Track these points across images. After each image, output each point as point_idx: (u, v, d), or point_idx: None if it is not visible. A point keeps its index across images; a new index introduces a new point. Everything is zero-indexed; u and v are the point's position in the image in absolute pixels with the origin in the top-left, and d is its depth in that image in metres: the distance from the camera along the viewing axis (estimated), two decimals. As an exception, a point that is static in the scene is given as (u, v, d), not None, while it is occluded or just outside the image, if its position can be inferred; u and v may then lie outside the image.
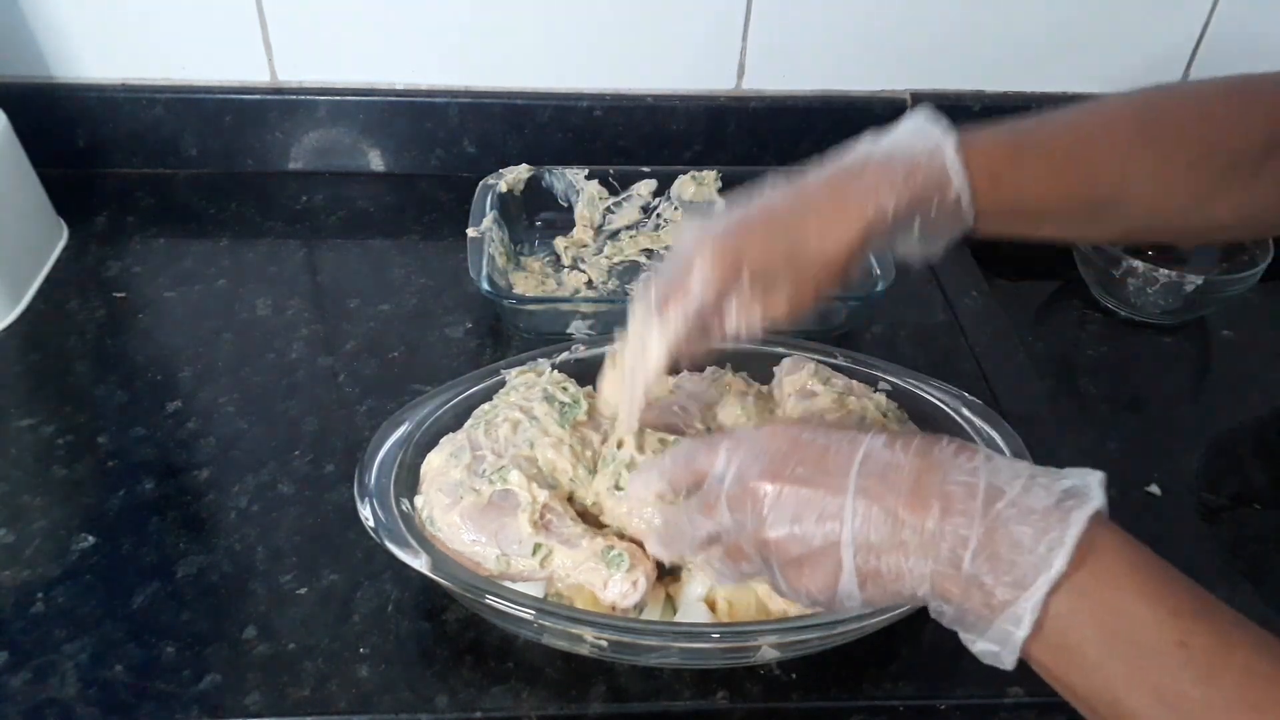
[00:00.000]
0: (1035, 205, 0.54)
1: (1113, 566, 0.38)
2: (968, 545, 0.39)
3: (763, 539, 0.44)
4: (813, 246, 0.52)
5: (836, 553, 0.42)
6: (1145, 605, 0.38)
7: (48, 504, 0.68)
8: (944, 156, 0.51)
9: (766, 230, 0.52)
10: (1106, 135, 0.55)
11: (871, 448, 0.43)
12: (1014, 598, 0.38)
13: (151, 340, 0.82)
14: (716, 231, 0.52)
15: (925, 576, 0.41)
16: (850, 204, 0.52)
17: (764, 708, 0.59)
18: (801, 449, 0.44)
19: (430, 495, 0.61)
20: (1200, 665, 0.36)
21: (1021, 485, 0.40)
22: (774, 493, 0.43)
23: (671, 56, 0.98)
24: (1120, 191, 0.54)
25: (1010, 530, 0.39)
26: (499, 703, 0.58)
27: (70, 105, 0.96)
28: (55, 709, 0.57)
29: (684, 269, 0.52)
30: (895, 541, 0.41)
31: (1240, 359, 0.89)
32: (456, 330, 0.84)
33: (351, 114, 0.99)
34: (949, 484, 0.40)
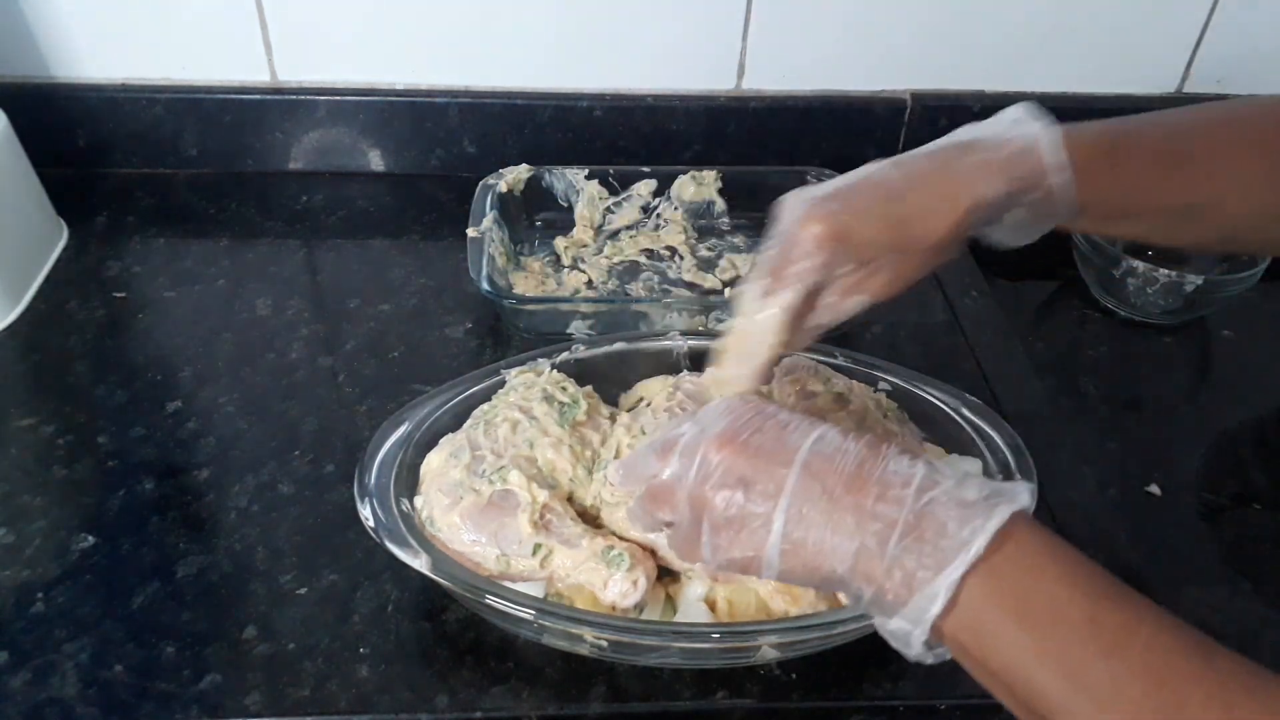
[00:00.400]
0: (1132, 202, 0.54)
1: (1030, 552, 0.40)
2: (895, 527, 0.41)
3: (701, 494, 0.45)
4: (917, 224, 0.51)
5: (769, 518, 0.43)
6: (1058, 586, 0.39)
7: (48, 504, 0.68)
8: (1047, 148, 0.52)
9: (872, 206, 0.51)
10: (1206, 139, 0.55)
11: (827, 432, 0.45)
12: (932, 577, 0.40)
13: (151, 340, 0.82)
14: (821, 206, 0.51)
15: (849, 555, 0.42)
16: (957, 185, 0.51)
17: (764, 708, 0.59)
18: (763, 419, 0.46)
19: (430, 495, 0.61)
20: (1107, 640, 0.37)
21: (955, 481, 0.42)
22: (725, 452, 0.45)
23: (671, 56, 0.98)
24: (1218, 196, 0.54)
25: (938, 516, 0.40)
26: (499, 703, 0.58)
27: (70, 105, 0.96)
28: (55, 709, 0.57)
29: (791, 244, 0.51)
30: (827, 516, 0.42)
31: (1240, 359, 0.89)
32: (456, 330, 0.84)
33: (351, 114, 0.99)
34: (888, 472, 0.42)
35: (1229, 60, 1.02)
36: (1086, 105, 1.03)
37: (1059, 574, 0.39)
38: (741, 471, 0.44)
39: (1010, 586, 0.39)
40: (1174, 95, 1.04)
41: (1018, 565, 0.40)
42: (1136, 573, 0.67)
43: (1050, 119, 0.53)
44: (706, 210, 0.96)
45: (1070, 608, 0.38)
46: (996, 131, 0.53)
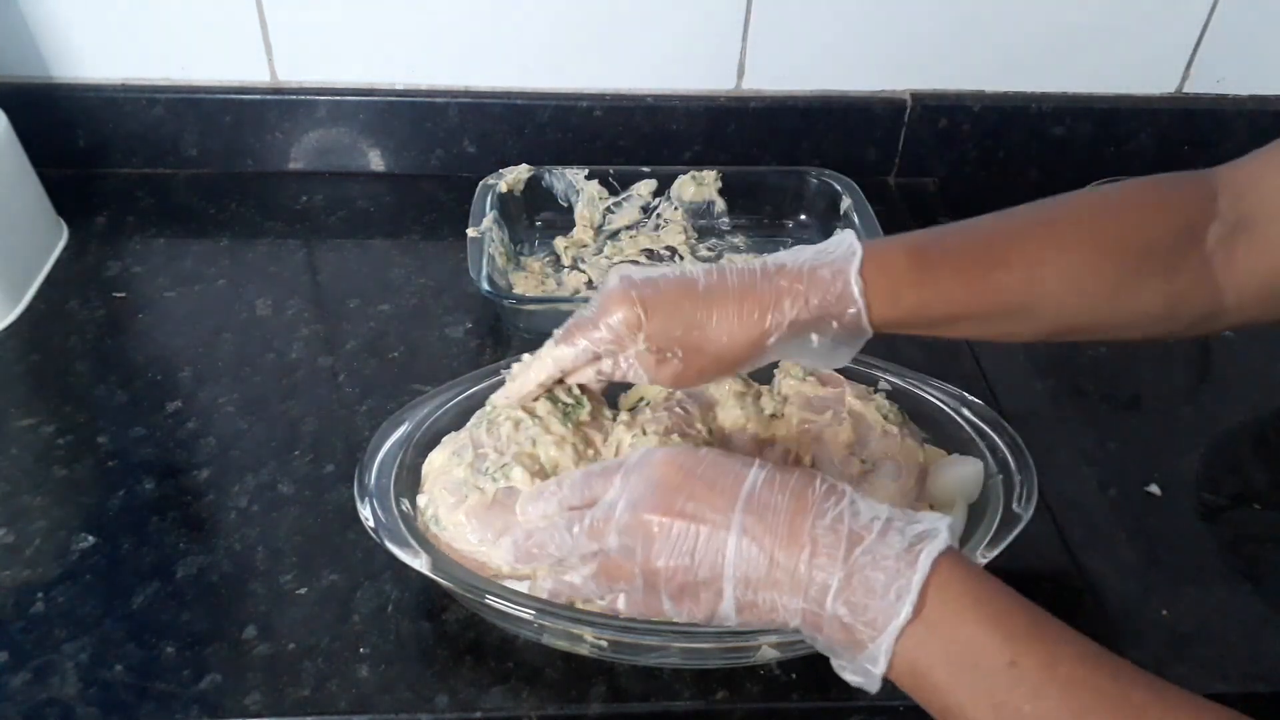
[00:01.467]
0: (942, 315, 0.55)
1: (957, 600, 0.43)
2: (829, 588, 0.44)
3: (652, 568, 0.48)
4: (714, 336, 0.56)
5: (719, 584, 0.46)
6: (983, 631, 0.42)
7: (48, 504, 0.68)
8: (847, 275, 0.54)
9: (674, 310, 0.56)
10: (1012, 239, 0.56)
11: (754, 485, 0.47)
12: (870, 639, 0.43)
13: (151, 340, 0.82)
14: (634, 292, 0.56)
15: (797, 611, 0.45)
16: (753, 309, 0.55)
17: (764, 708, 0.59)
18: (691, 483, 0.47)
19: (435, 494, 0.61)
20: (1030, 682, 0.41)
21: (879, 530, 0.44)
22: (665, 525, 0.47)
23: (671, 56, 0.98)
24: (1029, 294, 0.55)
25: (866, 575, 0.43)
26: (499, 703, 0.58)
27: (70, 105, 0.96)
28: (55, 709, 0.57)
29: (598, 313, 0.57)
30: (770, 579, 0.45)
31: (1240, 359, 0.89)
32: (456, 330, 0.84)
33: (351, 114, 0.99)
34: (817, 529, 0.45)
35: (1229, 60, 1.02)
36: (1087, 105, 1.03)
37: (981, 617, 0.42)
38: (682, 543, 0.47)
39: (940, 638, 0.42)
40: (1174, 95, 1.04)
41: (946, 614, 0.43)
42: (1137, 572, 0.67)
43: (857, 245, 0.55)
44: (706, 210, 0.96)
45: (993, 653, 0.41)
46: (817, 254, 0.56)
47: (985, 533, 0.60)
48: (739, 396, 0.68)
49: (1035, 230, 0.56)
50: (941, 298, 0.55)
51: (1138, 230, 0.56)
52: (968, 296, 0.55)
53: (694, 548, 0.46)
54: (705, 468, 0.48)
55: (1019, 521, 0.60)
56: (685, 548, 0.46)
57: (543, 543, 0.53)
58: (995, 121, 1.03)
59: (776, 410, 0.67)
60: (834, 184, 0.94)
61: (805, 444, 0.65)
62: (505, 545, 0.57)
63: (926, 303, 0.55)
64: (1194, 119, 1.04)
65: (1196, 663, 0.62)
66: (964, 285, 0.55)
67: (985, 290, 0.55)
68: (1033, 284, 0.55)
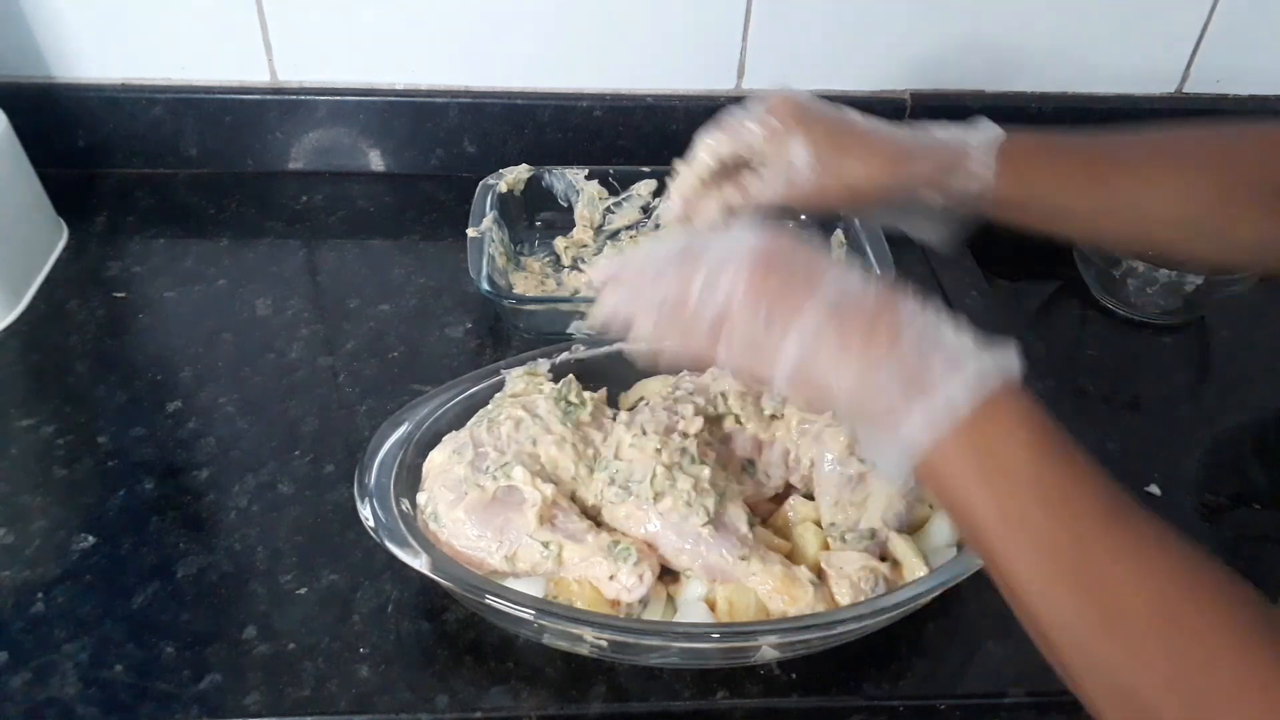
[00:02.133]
0: (1058, 205, 0.60)
1: (1004, 417, 0.44)
2: (896, 376, 0.44)
3: (728, 311, 0.47)
4: (850, 167, 0.60)
5: (784, 349, 0.46)
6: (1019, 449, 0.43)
7: (48, 504, 0.68)
8: (979, 145, 0.60)
9: (831, 127, 0.61)
10: (1136, 149, 0.61)
11: (846, 275, 0.47)
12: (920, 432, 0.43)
13: (151, 340, 0.82)
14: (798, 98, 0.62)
15: (848, 395, 0.45)
16: (897, 153, 0.61)
17: (764, 708, 0.59)
18: (797, 251, 0.48)
19: (434, 491, 0.61)
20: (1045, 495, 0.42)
21: (953, 339, 0.45)
22: (755, 277, 0.47)
23: (671, 56, 0.98)
24: (1139, 201, 0.60)
25: (932, 377, 0.44)
26: (499, 703, 0.58)
27: (70, 105, 0.96)
28: (55, 709, 0.57)
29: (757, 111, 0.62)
30: (835, 362, 0.45)
31: (1240, 359, 0.89)
32: (456, 330, 0.84)
33: (351, 114, 0.99)
34: (896, 325, 0.45)
35: (1229, 60, 1.02)
36: (1086, 105, 1.03)
37: (1024, 440, 0.43)
38: (767, 296, 0.46)
39: (979, 444, 0.43)
40: (1174, 95, 1.04)
41: (989, 428, 0.43)
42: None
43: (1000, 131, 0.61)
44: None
45: (1023, 468, 0.43)
46: (955, 129, 0.62)
47: (985, 533, 0.60)
48: (739, 396, 0.68)
49: (1159, 146, 0.61)
50: (1061, 187, 0.60)
51: (1252, 167, 0.59)
52: (1084, 189, 0.60)
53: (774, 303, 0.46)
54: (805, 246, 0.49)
55: (1019, 521, 0.60)
56: (767, 301, 0.46)
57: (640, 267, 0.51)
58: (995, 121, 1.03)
59: (776, 410, 0.67)
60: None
61: (805, 444, 0.65)
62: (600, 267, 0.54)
63: (1047, 187, 0.60)
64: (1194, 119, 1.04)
65: (1196, 663, 0.62)
66: (1083, 178, 0.60)
67: (1101, 188, 0.59)
68: (1144, 191, 0.59)
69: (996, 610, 0.64)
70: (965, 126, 0.62)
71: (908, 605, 0.57)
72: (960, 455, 0.43)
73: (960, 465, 0.43)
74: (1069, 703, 0.61)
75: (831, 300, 0.46)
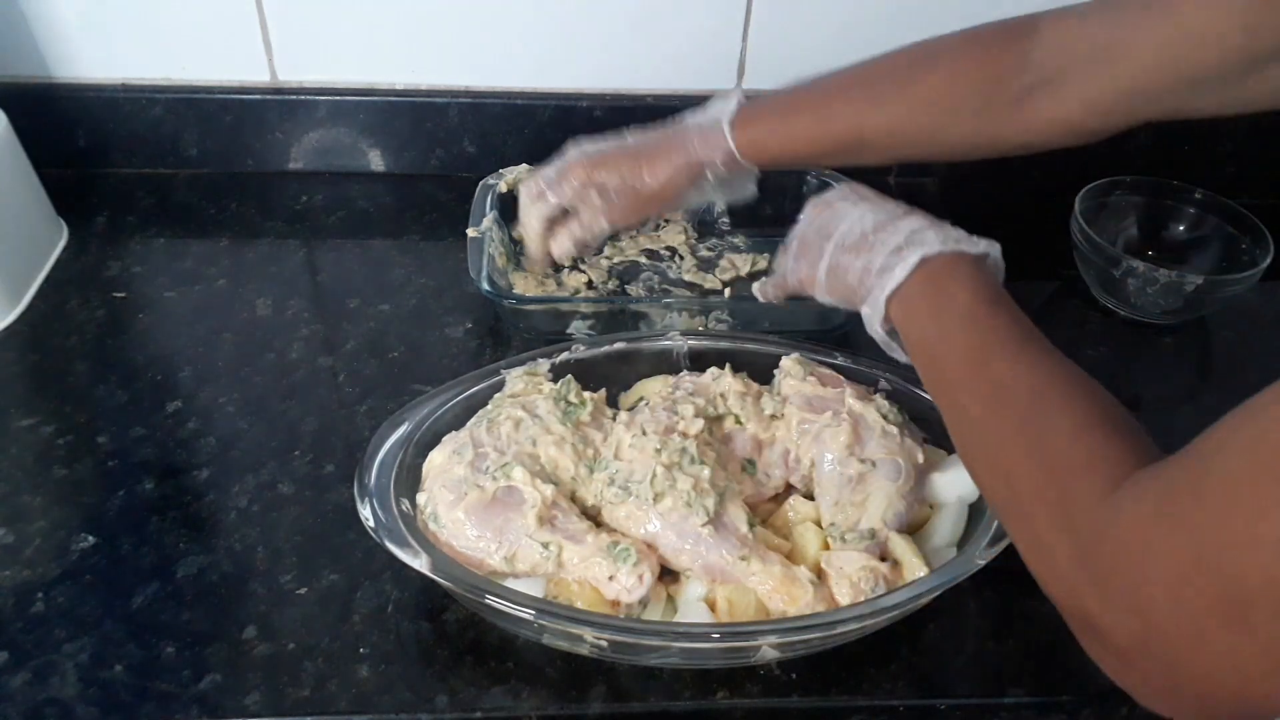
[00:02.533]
0: (797, 156, 0.74)
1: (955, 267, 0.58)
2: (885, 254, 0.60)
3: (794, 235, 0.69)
4: (644, 181, 0.75)
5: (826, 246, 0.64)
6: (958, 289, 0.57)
7: (48, 504, 0.68)
8: (723, 129, 0.73)
9: (616, 164, 0.75)
10: (844, 94, 0.72)
11: (860, 216, 0.64)
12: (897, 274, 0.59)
13: (151, 340, 0.82)
14: (589, 159, 0.76)
15: (857, 272, 0.61)
16: (671, 155, 0.74)
17: (764, 708, 0.59)
18: (847, 197, 0.67)
19: (434, 492, 0.61)
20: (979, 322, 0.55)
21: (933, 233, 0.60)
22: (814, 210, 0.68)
23: (671, 56, 0.98)
24: (860, 139, 0.71)
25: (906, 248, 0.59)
26: (499, 703, 0.58)
27: (70, 105, 0.96)
28: (55, 709, 0.57)
29: (559, 175, 0.77)
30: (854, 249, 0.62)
31: (1240, 359, 0.89)
32: (456, 330, 0.84)
33: (351, 114, 0.99)
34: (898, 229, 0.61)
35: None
36: (1086, 105, 1.03)
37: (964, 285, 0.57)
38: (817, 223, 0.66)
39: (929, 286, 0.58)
40: (1174, 95, 1.04)
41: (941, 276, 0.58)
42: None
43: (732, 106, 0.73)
44: (706, 210, 0.96)
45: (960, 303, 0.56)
46: (707, 112, 0.75)
47: (985, 533, 0.60)
48: (739, 396, 0.68)
49: (860, 88, 0.72)
50: (793, 143, 0.73)
51: (949, 85, 0.69)
52: (812, 141, 0.72)
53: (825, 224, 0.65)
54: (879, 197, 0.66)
55: (1019, 521, 0.60)
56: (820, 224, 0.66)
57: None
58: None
59: (776, 410, 0.67)
60: (833, 184, 0.94)
61: (805, 444, 0.65)
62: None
63: (783, 148, 0.73)
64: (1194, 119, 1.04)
65: (1196, 663, 0.62)
66: (808, 133, 0.72)
67: (825, 137, 0.71)
68: (861, 131, 0.71)
69: (996, 610, 0.65)
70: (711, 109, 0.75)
71: (908, 605, 0.57)
72: (919, 293, 0.58)
73: (917, 301, 0.58)
74: (1069, 703, 0.61)
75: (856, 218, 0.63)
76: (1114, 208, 0.94)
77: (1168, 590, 0.38)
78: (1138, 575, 0.40)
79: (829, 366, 0.71)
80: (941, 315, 0.57)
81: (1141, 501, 0.41)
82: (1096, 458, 0.45)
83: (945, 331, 0.56)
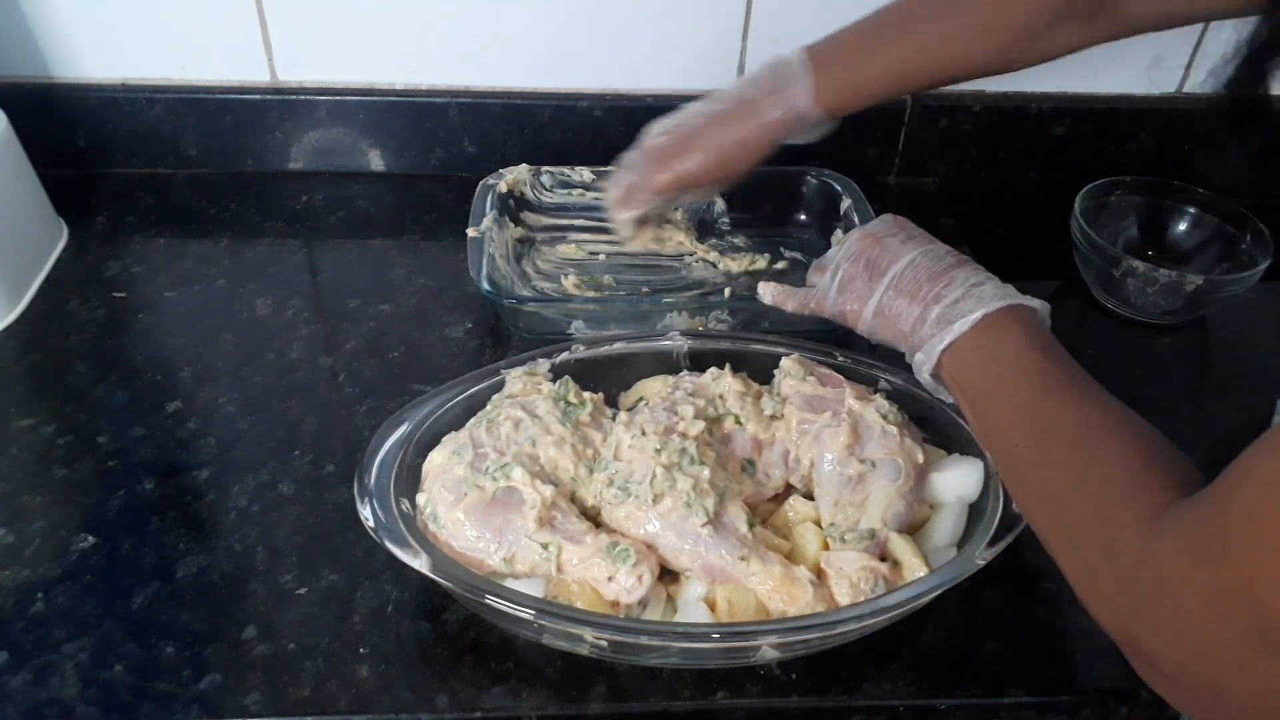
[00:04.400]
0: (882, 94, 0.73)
1: (1007, 318, 0.60)
2: (940, 307, 0.61)
3: (838, 263, 0.68)
4: (730, 165, 0.76)
5: (879, 287, 0.65)
6: (1012, 337, 0.59)
7: (48, 504, 0.68)
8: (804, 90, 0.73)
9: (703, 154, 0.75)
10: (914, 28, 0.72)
11: (916, 257, 0.65)
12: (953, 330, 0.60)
13: (151, 340, 0.82)
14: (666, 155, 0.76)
15: (911, 320, 0.62)
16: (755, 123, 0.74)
17: (764, 708, 0.59)
18: (895, 234, 0.68)
19: (433, 492, 0.61)
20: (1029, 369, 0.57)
21: (988, 287, 0.62)
22: (863, 243, 0.68)
23: (671, 56, 0.98)
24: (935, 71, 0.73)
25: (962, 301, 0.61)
26: (499, 703, 0.58)
27: (70, 105, 0.96)
28: (55, 709, 0.57)
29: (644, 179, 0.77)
30: (908, 295, 0.63)
31: (1240, 359, 0.89)
32: (456, 330, 0.84)
33: (351, 114, 0.99)
34: (951, 279, 0.62)
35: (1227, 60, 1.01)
36: (1087, 105, 1.03)
37: (1018, 333, 0.59)
38: (866, 256, 0.67)
39: (984, 336, 0.59)
40: (1174, 95, 1.04)
41: (994, 327, 0.59)
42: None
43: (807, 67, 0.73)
44: (706, 210, 0.96)
45: (1011, 351, 0.58)
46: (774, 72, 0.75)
47: (985, 533, 0.60)
48: (739, 396, 0.68)
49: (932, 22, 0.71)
50: (878, 86, 0.73)
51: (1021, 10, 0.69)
52: (895, 80, 0.73)
53: (867, 269, 0.66)
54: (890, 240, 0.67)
55: (1019, 522, 0.60)
56: (866, 265, 0.66)
57: None
58: (995, 121, 1.03)
59: (776, 410, 0.67)
60: (834, 184, 0.94)
61: (805, 444, 0.65)
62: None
63: (868, 92, 0.73)
64: (1194, 119, 1.04)
65: (1196, 663, 0.62)
66: (890, 73, 0.72)
67: (908, 74, 0.73)
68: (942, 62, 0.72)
69: (996, 610, 0.65)
70: (776, 77, 0.74)
71: (908, 605, 0.57)
72: (973, 344, 0.59)
73: (971, 351, 0.59)
74: (1069, 703, 0.61)
75: (899, 274, 0.64)
76: (1114, 208, 0.94)
77: (1204, 620, 0.40)
78: (1176, 605, 0.41)
79: (829, 366, 0.71)
80: (995, 363, 0.58)
81: (1176, 534, 0.42)
82: (1140, 488, 0.47)
83: (998, 378, 0.58)
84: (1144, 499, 0.46)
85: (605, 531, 0.61)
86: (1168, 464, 0.49)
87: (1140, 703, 0.61)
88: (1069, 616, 0.64)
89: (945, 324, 0.60)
